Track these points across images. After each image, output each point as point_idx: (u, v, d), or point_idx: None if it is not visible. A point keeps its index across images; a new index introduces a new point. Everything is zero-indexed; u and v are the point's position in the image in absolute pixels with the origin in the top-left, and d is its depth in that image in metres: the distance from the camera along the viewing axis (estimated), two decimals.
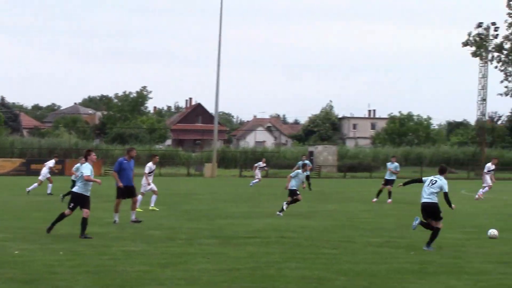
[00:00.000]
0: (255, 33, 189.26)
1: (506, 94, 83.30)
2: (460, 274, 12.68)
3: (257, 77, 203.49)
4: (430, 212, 15.93)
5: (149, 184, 24.21)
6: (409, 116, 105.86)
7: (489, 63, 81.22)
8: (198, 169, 68.20)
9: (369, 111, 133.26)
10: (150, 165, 24.33)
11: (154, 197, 24.75)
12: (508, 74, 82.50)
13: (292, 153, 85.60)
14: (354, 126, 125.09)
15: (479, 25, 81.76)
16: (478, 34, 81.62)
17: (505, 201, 33.53)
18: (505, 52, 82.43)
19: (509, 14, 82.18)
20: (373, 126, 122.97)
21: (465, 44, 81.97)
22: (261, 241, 16.88)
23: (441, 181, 15.96)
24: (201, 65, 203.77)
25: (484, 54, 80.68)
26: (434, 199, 15.92)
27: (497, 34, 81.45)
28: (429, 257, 14.55)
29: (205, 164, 66.24)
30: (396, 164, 31.13)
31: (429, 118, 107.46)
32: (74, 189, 17.46)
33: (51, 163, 34.10)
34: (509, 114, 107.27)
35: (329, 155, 76.95)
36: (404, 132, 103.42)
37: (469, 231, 19.71)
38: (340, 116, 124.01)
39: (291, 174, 23.91)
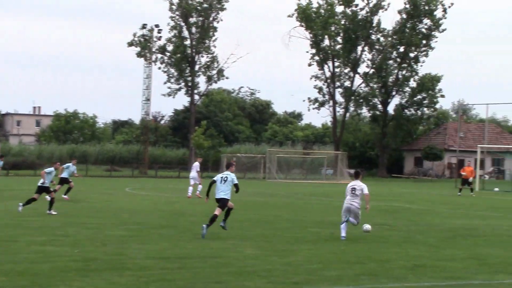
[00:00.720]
0: None
1: (169, 95, 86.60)
2: (123, 270, 12.85)
3: None
4: (223, 203, 18.52)
5: None
6: (75, 114, 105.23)
7: (153, 64, 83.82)
8: None
9: (34, 108, 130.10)
10: None
11: None
12: (170, 75, 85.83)
13: None
14: (18, 123, 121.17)
15: (144, 26, 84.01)
16: (143, 35, 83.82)
17: (167, 198, 34.79)
18: (168, 54, 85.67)
19: (171, 17, 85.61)
20: (38, 123, 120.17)
21: (130, 44, 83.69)
22: None
23: (230, 175, 18.62)
24: None
25: (148, 55, 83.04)
26: (228, 195, 18.57)
27: (161, 36, 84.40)
28: (92, 255, 14.59)
29: None
30: (75, 167, 31.80)
31: (95, 116, 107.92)
32: None
33: None
34: (172, 114, 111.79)
35: None
36: (69, 129, 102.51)
37: (132, 228, 20.12)
38: (3, 112, 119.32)
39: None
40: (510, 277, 13.05)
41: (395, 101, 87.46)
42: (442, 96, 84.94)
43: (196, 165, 35.19)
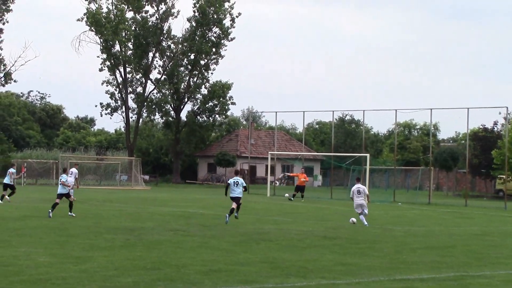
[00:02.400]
0: None
1: None
2: None
3: None
4: (237, 200, 26.02)
5: None
6: None
7: None
8: None
9: None
10: None
11: None
12: None
13: None
14: None
15: None
16: None
17: None
18: None
19: None
20: None
21: None
22: None
23: (240, 180, 26.26)
24: None
25: None
26: (241, 194, 26.04)
27: None
28: None
29: None
30: None
31: None
32: None
33: None
34: None
35: None
36: None
37: None
38: None
39: None
40: (301, 280, 13.62)
41: (187, 108, 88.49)
42: (233, 103, 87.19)
43: (75, 171, 36.79)
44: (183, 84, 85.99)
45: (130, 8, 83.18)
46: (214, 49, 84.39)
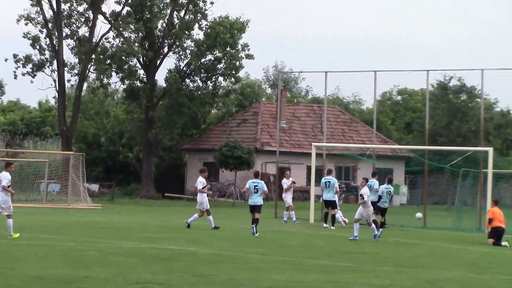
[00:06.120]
0: None
1: None
2: None
3: None
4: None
5: None
6: None
7: None
8: None
9: None
10: None
11: None
12: None
13: None
14: None
15: None
16: None
17: None
18: None
19: None
20: None
21: None
22: None
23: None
24: None
25: None
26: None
27: None
28: None
29: None
30: None
31: None
32: None
33: None
34: None
35: None
36: None
37: None
38: None
39: None
40: None
41: (168, 64, 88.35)
42: (250, 56, 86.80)
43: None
44: (161, 22, 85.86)
45: None
46: None
